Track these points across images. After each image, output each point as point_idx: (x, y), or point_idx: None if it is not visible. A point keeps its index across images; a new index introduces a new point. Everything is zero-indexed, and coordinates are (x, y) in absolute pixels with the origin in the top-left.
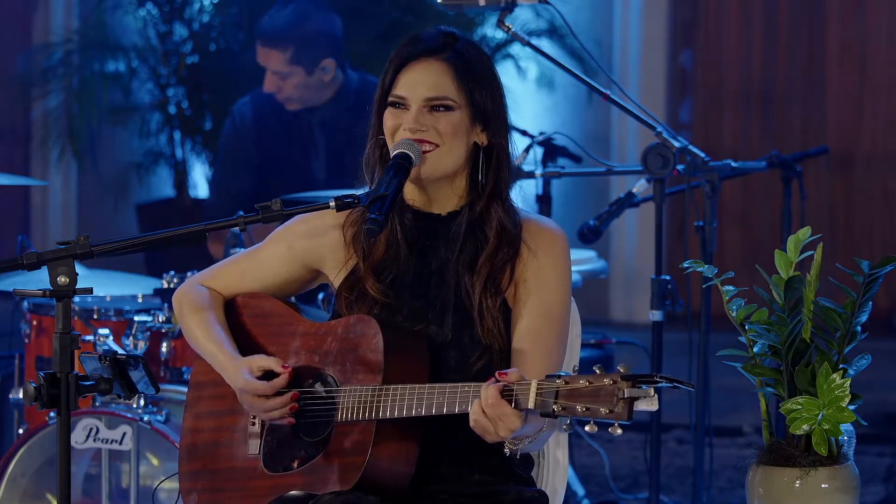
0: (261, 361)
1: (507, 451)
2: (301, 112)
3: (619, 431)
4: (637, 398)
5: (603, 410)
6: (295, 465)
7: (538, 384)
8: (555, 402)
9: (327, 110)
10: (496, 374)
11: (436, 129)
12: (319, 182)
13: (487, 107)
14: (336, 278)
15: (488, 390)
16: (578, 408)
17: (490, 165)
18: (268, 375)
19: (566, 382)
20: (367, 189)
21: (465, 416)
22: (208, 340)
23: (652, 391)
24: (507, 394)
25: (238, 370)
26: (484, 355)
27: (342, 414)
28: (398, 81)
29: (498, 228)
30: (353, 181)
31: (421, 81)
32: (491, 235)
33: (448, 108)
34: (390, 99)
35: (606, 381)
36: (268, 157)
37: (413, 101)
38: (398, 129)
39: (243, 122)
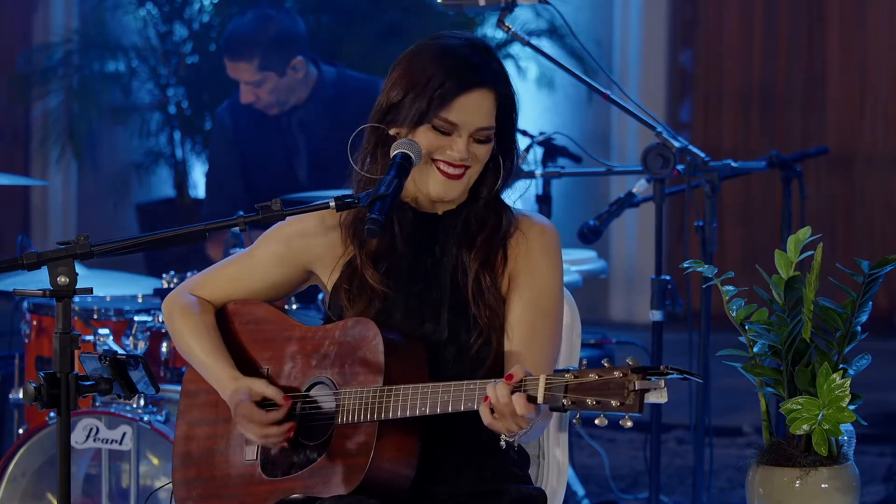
0: (263, 390)
1: (502, 443)
2: (279, 114)
3: (630, 424)
4: (648, 390)
5: (614, 403)
6: (294, 469)
7: (546, 379)
8: (564, 396)
9: (305, 110)
10: (504, 378)
11: (476, 157)
12: (303, 182)
13: (511, 131)
14: (329, 278)
15: (498, 389)
16: (589, 401)
17: (496, 166)
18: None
19: (575, 376)
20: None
21: (464, 415)
22: (203, 353)
23: (662, 383)
24: (516, 390)
25: (237, 392)
26: (481, 336)
27: (343, 416)
28: (452, 107)
29: (492, 221)
30: (335, 178)
31: (476, 111)
32: (486, 226)
33: (489, 140)
34: (438, 123)
35: (616, 373)
36: (250, 161)
37: (465, 130)
38: (440, 151)
39: (223, 128)
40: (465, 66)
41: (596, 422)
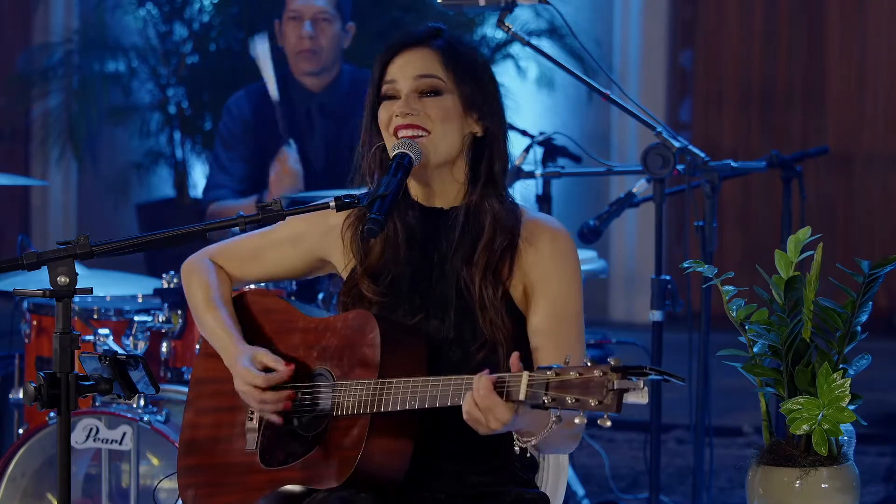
0: (264, 358)
1: (516, 448)
2: (298, 99)
3: (608, 423)
4: (627, 390)
5: (592, 402)
6: (291, 459)
7: (529, 376)
8: (545, 394)
9: (324, 96)
10: (512, 358)
11: (426, 113)
12: (316, 169)
13: (477, 94)
14: (344, 272)
15: (480, 381)
16: (568, 399)
17: (486, 155)
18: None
19: (557, 374)
20: (365, 188)
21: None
22: (214, 321)
23: (642, 383)
24: (499, 386)
25: (241, 356)
26: (485, 347)
27: (338, 408)
28: (388, 70)
29: (492, 219)
30: (348, 168)
31: (409, 64)
32: (486, 226)
33: (437, 93)
34: (383, 89)
35: (596, 372)
36: (265, 149)
37: (403, 82)
38: (391, 119)
39: (241, 116)
40: (397, 36)
41: (576, 420)
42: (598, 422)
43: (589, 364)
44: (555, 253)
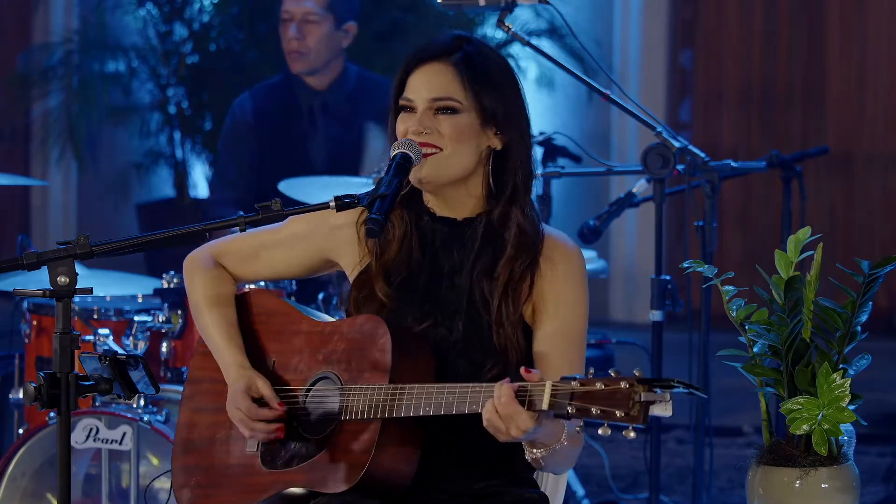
0: (262, 388)
1: (528, 457)
2: (302, 98)
3: (633, 435)
4: (653, 402)
5: (618, 413)
6: (295, 462)
7: (553, 385)
8: (569, 404)
9: (328, 94)
10: (521, 370)
11: (438, 131)
12: (319, 166)
13: (498, 109)
14: (352, 273)
15: (502, 388)
16: (593, 410)
17: (506, 169)
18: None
19: (581, 384)
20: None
21: (468, 416)
22: (217, 333)
23: (668, 396)
24: (521, 394)
25: (239, 380)
26: (499, 363)
27: (347, 413)
28: (407, 85)
29: (517, 234)
30: (350, 166)
31: (426, 83)
32: (509, 241)
33: (453, 111)
34: (400, 103)
35: (623, 384)
36: (268, 148)
37: (419, 102)
38: (406, 134)
39: (244, 118)
40: (420, 47)
41: (599, 431)
42: (623, 433)
43: (614, 375)
44: (569, 275)
